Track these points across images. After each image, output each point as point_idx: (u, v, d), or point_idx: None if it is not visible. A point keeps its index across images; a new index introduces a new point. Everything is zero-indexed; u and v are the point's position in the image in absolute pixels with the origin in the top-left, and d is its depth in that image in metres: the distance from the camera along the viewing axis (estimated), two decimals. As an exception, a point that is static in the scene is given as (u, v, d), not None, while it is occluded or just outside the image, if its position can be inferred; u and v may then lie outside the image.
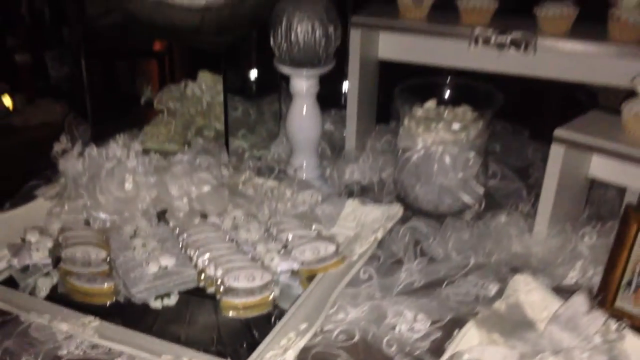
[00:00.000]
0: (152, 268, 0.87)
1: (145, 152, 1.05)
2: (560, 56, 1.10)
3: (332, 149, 1.32)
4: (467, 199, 1.04)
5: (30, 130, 1.80)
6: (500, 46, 1.10)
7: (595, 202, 1.13)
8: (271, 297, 0.86)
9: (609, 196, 1.14)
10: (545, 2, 1.10)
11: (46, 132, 1.81)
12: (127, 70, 1.30)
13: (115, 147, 0.98)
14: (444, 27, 1.15)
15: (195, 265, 0.90)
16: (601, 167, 1.00)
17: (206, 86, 1.33)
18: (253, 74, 1.34)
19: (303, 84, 1.10)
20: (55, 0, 1.91)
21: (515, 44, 1.09)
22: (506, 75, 1.15)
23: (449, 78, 1.14)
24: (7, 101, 1.82)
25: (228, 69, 1.17)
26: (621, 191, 1.10)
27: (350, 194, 1.16)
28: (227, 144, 1.16)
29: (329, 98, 1.35)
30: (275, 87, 1.36)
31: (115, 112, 1.30)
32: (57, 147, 1.00)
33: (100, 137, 1.15)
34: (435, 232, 1.02)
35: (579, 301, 0.76)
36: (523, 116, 1.52)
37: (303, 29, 1.02)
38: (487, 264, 0.97)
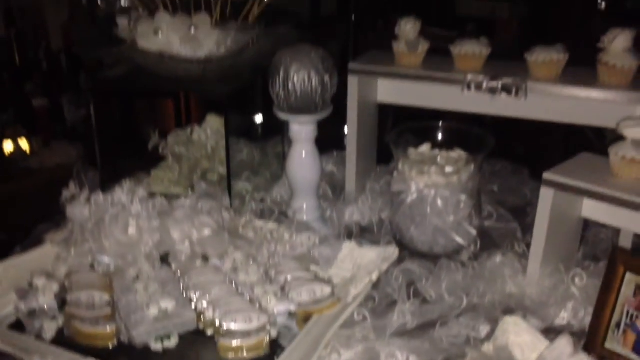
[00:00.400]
0: (153, 311, 0.91)
1: (151, 195, 1.09)
2: (551, 99, 1.13)
3: (333, 190, 1.36)
4: (460, 240, 1.07)
5: (46, 172, 1.86)
6: (492, 91, 1.14)
7: (591, 240, 1.15)
8: (267, 339, 0.89)
9: (604, 235, 1.16)
10: (535, 48, 1.14)
11: (61, 174, 1.87)
12: (136, 115, 1.35)
13: (121, 193, 1.02)
14: (438, 73, 1.19)
15: (195, 308, 0.94)
16: (593, 209, 1.02)
17: (212, 130, 1.37)
18: (258, 117, 1.39)
19: (301, 130, 1.14)
20: (72, 47, 1.99)
21: (506, 89, 1.13)
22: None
23: (441, 122, 1.17)
24: (24, 144, 1.88)
25: (232, 114, 1.21)
26: (616, 230, 1.11)
27: (350, 235, 1.19)
28: (229, 188, 1.20)
29: (331, 139, 1.40)
30: (279, 130, 1.41)
31: (125, 156, 1.34)
32: (66, 194, 1.05)
33: (109, 180, 1.20)
34: (429, 273, 1.04)
35: (564, 343, 0.78)
36: (523, 155, 1.55)
37: (300, 78, 1.07)
38: (480, 305, 0.99)
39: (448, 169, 1.04)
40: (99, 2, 1.12)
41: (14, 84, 2.05)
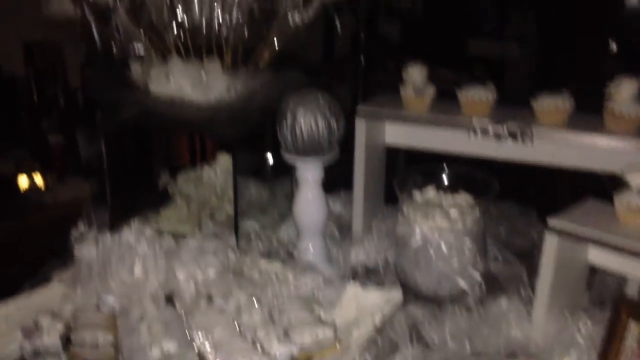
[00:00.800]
0: (155, 352, 0.91)
1: (159, 232, 1.10)
2: (557, 145, 1.14)
3: (340, 229, 1.36)
4: (464, 285, 1.07)
5: (59, 208, 1.89)
6: (498, 137, 1.15)
7: (598, 285, 1.14)
8: (268, 382, 0.89)
9: (611, 281, 1.15)
10: (541, 95, 1.15)
11: (74, 210, 1.90)
12: (148, 153, 1.37)
13: (128, 233, 1.04)
14: (445, 118, 1.21)
15: (198, 350, 0.94)
16: (599, 256, 1.01)
17: (222, 170, 1.39)
18: (268, 156, 1.41)
19: (308, 172, 1.15)
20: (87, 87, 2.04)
21: (512, 134, 1.14)
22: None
23: (446, 165, 1.18)
24: (39, 180, 1.92)
25: (241, 154, 1.23)
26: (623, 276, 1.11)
27: (355, 276, 1.20)
28: (236, 228, 1.21)
29: (338, 179, 1.41)
30: (288, 169, 1.42)
31: (135, 193, 1.37)
32: (75, 233, 1.07)
33: (118, 217, 1.22)
34: (433, 317, 1.04)
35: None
36: (531, 195, 1.55)
37: (306, 123, 1.09)
38: (484, 352, 0.98)
39: (453, 214, 1.05)
40: (114, 47, 1.15)
41: (31, 120, 2.10)
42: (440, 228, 1.05)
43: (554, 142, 1.13)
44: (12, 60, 2.25)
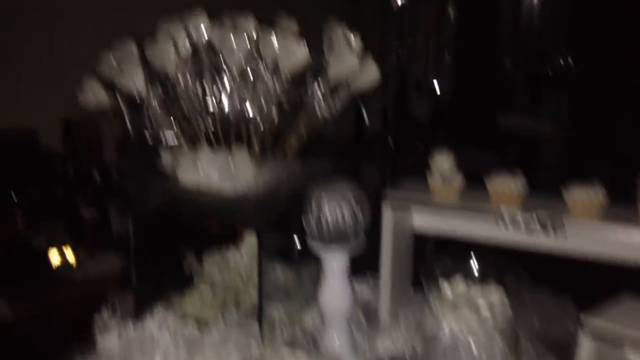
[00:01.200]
0: None
1: (182, 317, 1.09)
2: (590, 238, 1.11)
3: (366, 315, 1.33)
4: (494, 385, 1.02)
5: (88, 285, 1.91)
6: (529, 227, 1.13)
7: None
8: None
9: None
10: (573, 186, 1.12)
11: (103, 287, 1.92)
12: (175, 234, 1.38)
13: (151, 323, 1.03)
14: (474, 207, 1.19)
15: None
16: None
17: (247, 251, 1.39)
18: (294, 240, 1.40)
19: (333, 260, 1.14)
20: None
21: (543, 226, 1.11)
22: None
23: (474, 254, 1.16)
24: (70, 255, 1.94)
25: (268, 235, 1.23)
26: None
27: (382, 368, 1.16)
28: (259, 315, 1.19)
29: (365, 260, 1.39)
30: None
31: (161, 274, 1.37)
32: (99, 320, 1.06)
33: (143, 301, 1.22)
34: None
35: None
36: (566, 282, 1.50)
37: (332, 213, 1.08)
38: None
39: (483, 311, 1.02)
40: (146, 135, 1.18)
41: (66, 194, 2.15)
42: (470, 327, 1.01)
43: (587, 236, 1.10)
44: (51, 136, 2.33)
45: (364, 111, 1.22)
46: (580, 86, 2.77)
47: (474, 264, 1.18)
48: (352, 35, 1.16)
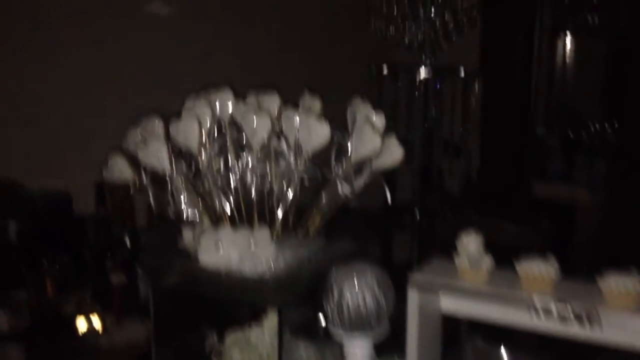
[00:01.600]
0: None
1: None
2: (628, 330, 1.04)
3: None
4: None
5: (115, 353, 1.88)
6: (562, 318, 1.06)
7: None
8: None
9: None
10: (609, 275, 1.06)
11: (130, 354, 1.89)
12: (196, 313, 1.35)
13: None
14: (504, 293, 1.14)
15: None
16: None
17: (270, 329, 1.35)
18: (320, 317, 1.36)
19: (356, 347, 1.10)
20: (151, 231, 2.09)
21: (578, 317, 1.05)
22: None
23: (503, 347, 1.10)
24: (97, 322, 1.93)
25: (290, 313, 1.19)
26: None
27: None
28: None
29: (393, 342, 1.33)
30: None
31: (181, 352, 1.34)
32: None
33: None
34: None
35: None
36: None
37: (353, 299, 1.04)
38: None
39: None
40: (169, 212, 1.17)
41: (95, 260, 2.16)
42: None
43: (625, 328, 1.03)
44: (83, 200, 2.36)
45: (385, 187, 1.19)
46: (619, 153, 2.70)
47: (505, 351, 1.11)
48: (375, 115, 1.15)
